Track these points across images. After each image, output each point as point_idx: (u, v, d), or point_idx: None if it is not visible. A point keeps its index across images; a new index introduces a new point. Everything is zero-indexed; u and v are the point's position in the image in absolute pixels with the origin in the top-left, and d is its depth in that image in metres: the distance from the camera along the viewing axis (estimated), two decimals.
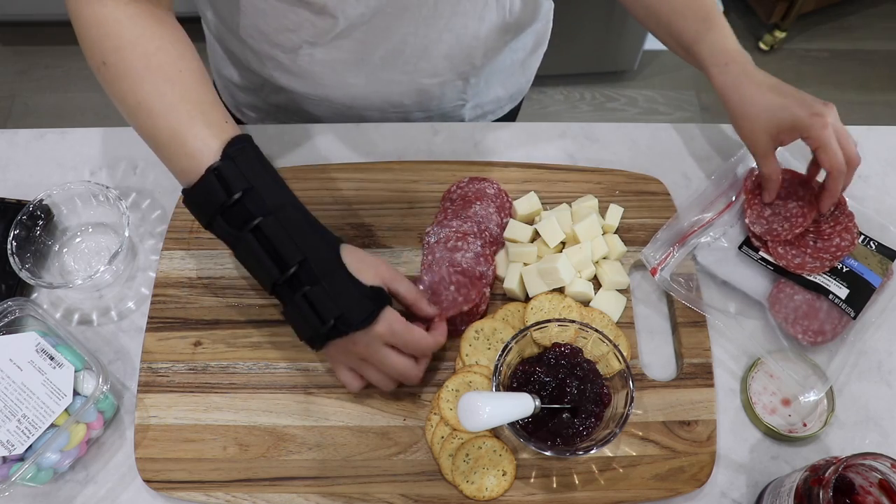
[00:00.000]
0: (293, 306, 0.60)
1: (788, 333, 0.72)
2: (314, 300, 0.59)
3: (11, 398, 0.63)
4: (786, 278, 0.74)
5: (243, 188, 0.59)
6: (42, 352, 0.65)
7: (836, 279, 0.72)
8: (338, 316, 0.59)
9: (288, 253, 0.59)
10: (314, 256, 0.60)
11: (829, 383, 0.69)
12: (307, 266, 0.59)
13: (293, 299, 0.60)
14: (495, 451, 0.66)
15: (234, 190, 0.58)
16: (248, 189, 0.59)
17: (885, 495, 0.56)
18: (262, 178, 0.61)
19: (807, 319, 0.72)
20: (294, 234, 0.60)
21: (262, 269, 0.60)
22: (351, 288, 0.60)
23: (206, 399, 0.70)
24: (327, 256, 0.61)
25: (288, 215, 0.60)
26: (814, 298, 0.72)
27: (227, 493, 0.66)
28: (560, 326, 0.67)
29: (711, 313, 0.73)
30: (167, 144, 0.61)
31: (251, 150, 0.62)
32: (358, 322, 0.59)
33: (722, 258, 0.76)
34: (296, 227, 0.60)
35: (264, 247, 0.59)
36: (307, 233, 0.61)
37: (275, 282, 0.60)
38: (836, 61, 2.29)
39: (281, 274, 0.59)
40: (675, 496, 0.66)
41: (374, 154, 0.85)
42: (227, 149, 0.60)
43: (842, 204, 0.75)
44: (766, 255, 0.75)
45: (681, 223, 0.77)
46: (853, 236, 0.73)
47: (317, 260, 0.60)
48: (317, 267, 0.59)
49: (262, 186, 0.60)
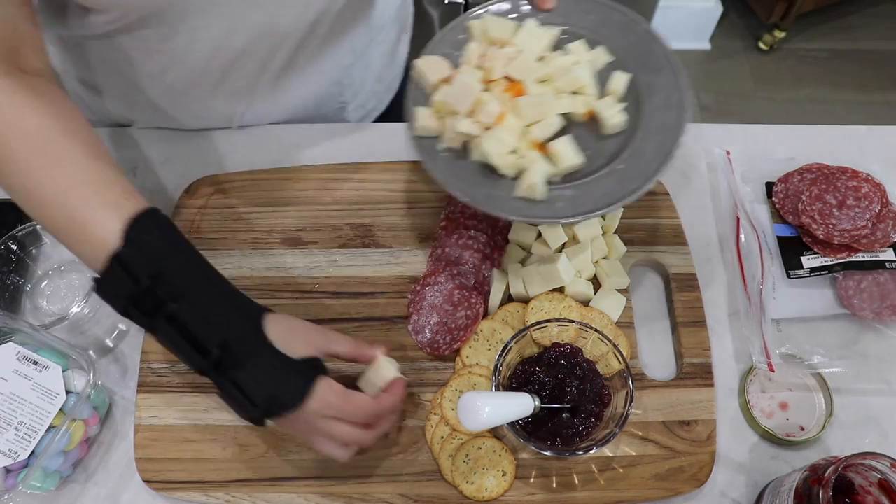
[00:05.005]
0: (224, 390, 0.56)
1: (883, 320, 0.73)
2: (241, 384, 0.55)
3: (4, 409, 0.63)
4: (837, 273, 0.74)
5: (150, 274, 0.53)
6: (24, 359, 0.65)
7: (874, 252, 0.74)
8: (267, 397, 0.55)
9: (206, 338, 0.54)
10: (234, 337, 0.55)
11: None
12: (228, 349, 0.55)
13: (222, 384, 0.56)
14: (495, 451, 0.66)
15: (141, 277, 0.53)
16: (156, 274, 0.54)
17: (884, 495, 0.56)
18: (170, 258, 0.55)
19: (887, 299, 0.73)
20: (210, 316, 0.55)
21: (186, 356, 0.55)
22: (278, 366, 0.56)
23: (206, 399, 0.70)
24: (249, 334, 0.56)
25: (201, 295, 0.56)
26: (875, 276, 0.73)
27: (227, 494, 0.66)
28: (560, 326, 0.67)
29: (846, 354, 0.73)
30: (66, 232, 0.56)
31: (155, 228, 0.56)
32: (290, 402, 0.55)
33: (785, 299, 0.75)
34: (211, 308, 0.56)
35: (182, 333, 0.54)
36: (225, 311, 0.56)
37: (200, 368, 0.56)
38: (835, 61, 2.29)
39: (203, 360, 0.55)
40: (674, 496, 0.66)
41: (374, 154, 0.85)
42: (128, 230, 0.54)
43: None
44: (811, 262, 0.74)
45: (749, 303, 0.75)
46: None
47: (238, 341, 0.55)
48: (239, 348, 0.55)
49: (170, 268, 0.55)
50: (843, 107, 2.19)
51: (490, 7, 0.73)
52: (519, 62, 0.66)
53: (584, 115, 0.67)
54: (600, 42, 0.71)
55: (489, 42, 0.69)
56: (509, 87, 0.66)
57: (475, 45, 0.69)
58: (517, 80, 0.66)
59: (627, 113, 0.67)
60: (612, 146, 0.66)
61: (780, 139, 0.88)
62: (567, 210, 0.62)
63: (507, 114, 0.64)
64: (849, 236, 0.73)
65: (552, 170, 0.64)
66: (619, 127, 0.66)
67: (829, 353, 0.72)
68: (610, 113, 0.65)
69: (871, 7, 2.40)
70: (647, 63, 0.69)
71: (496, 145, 0.63)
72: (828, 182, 0.76)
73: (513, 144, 0.64)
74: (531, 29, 0.69)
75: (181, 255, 0.57)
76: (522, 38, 0.68)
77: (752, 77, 2.24)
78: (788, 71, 2.25)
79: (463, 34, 0.72)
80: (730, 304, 0.76)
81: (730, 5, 2.31)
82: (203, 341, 0.54)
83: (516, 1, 0.73)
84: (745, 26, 2.32)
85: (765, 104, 2.20)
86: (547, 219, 0.63)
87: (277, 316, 0.58)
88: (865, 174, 0.77)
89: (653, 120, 0.66)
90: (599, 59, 0.70)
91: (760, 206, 0.80)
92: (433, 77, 0.67)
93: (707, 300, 0.75)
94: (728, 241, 0.80)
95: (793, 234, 0.77)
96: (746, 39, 2.30)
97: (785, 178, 0.80)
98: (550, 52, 0.69)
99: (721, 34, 2.28)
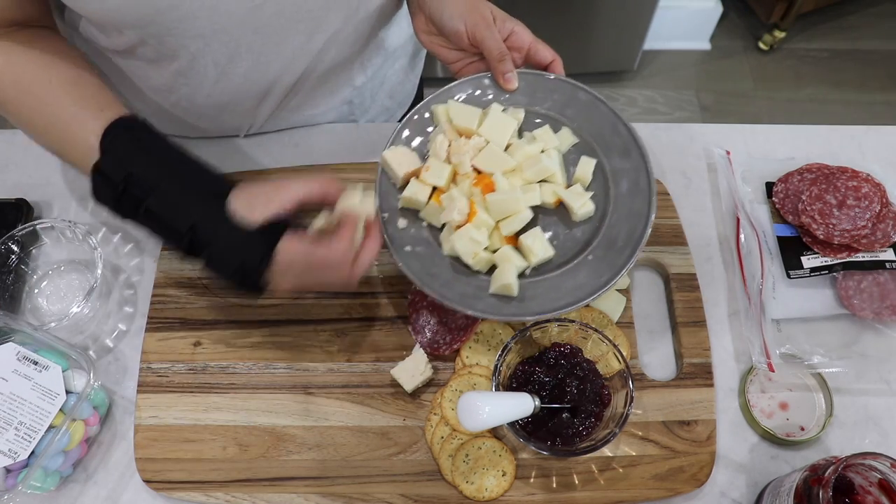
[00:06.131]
0: (206, 267, 0.62)
1: (883, 320, 0.73)
2: (213, 260, 0.61)
3: (4, 409, 0.63)
4: (837, 273, 0.74)
5: (123, 177, 0.60)
6: (24, 359, 0.65)
7: (874, 252, 0.74)
8: (236, 268, 0.60)
9: (177, 224, 0.60)
10: (200, 219, 0.60)
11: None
12: (196, 230, 0.60)
13: (202, 263, 0.61)
14: (495, 451, 0.66)
15: (117, 181, 0.60)
16: (128, 176, 0.60)
17: (884, 495, 0.56)
18: (138, 159, 0.61)
19: (887, 299, 0.73)
20: (178, 204, 0.60)
21: (167, 242, 0.62)
22: (238, 237, 0.60)
23: (206, 399, 0.70)
24: (213, 214, 0.60)
25: (168, 187, 0.61)
26: (875, 276, 0.74)
27: (227, 494, 0.66)
28: (560, 326, 0.67)
29: (848, 354, 0.73)
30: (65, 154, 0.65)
31: (125, 134, 0.62)
32: (255, 267, 0.60)
33: (785, 299, 0.75)
34: (178, 197, 0.61)
35: (158, 224, 0.61)
36: (189, 198, 0.61)
37: (182, 253, 0.61)
38: (835, 61, 2.29)
39: (179, 243, 0.60)
40: (674, 496, 0.66)
41: (375, 154, 0.85)
42: (102, 141, 0.61)
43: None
44: (811, 262, 0.74)
45: (749, 303, 0.75)
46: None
47: (203, 221, 0.60)
48: (204, 228, 0.60)
49: (139, 168, 0.60)
50: (843, 107, 2.19)
51: (453, 89, 0.73)
52: (487, 155, 0.67)
53: (553, 204, 0.68)
54: (565, 123, 0.71)
55: (456, 131, 0.70)
56: (478, 181, 0.67)
57: (441, 137, 0.69)
58: (486, 174, 0.67)
59: (595, 201, 0.67)
60: (582, 233, 0.67)
61: (780, 139, 0.88)
62: (541, 307, 0.63)
63: (477, 211, 0.65)
64: (849, 236, 0.73)
65: (523, 264, 0.65)
66: (587, 215, 0.67)
67: (829, 353, 0.72)
68: (579, 203, 0.66)
69: (871, 7, 2.40)
70: (612, 145, 0.69)
71: (468, 245, 0.64)
72: (828, 182, 0.76)
73: (484, 242, 0.65)
74: (496, 117, 0.69)
75: (149, 154, 0.62)
76: (488, 128, 0.69)
77: (752, 77, 2.24)
78: (788, 71, 2.25)
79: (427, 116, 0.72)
80: (730, 304, 0.76)
81: (730, 5, 2.31)
82: (176, 227, 0.60)
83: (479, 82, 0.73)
84: (745, 26, 2.32)
85: (765, 104, 2.20)
86: (521, 317, 0.63)
87: (242, 187, 0.62)
88: (865, 174, 0.77)
89: (621, 206, 0.67)
90: (565, 141, 0.70)
91: (760, 206, 0.80)
92: (401, 171, 0.68)
93: (707, 300, 0.75)
94: (728, 241, 0.80)
95: (793, 234, 0.77)
96: (746, 39, 2.30)
97: (785, 178, 0.80)
98: (516, 139, 0.70)
99: (721, 34, 2.28)
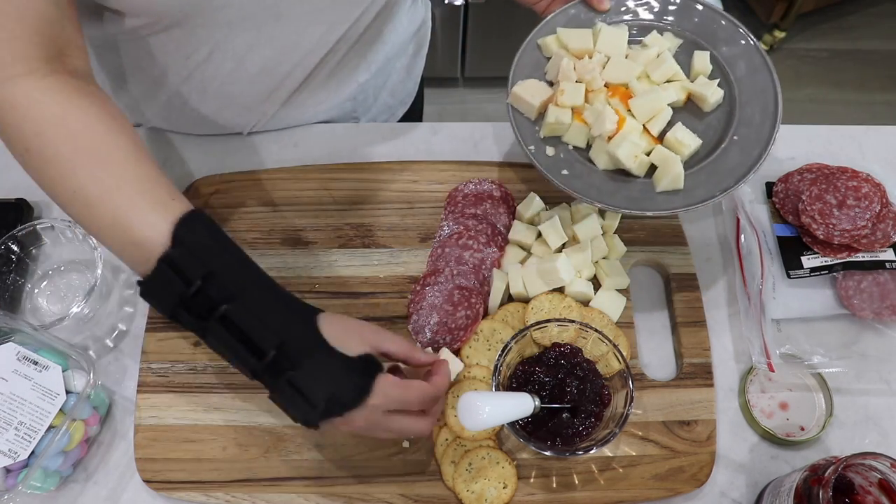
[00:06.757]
0: (279, 392, 0.55)
1: (883, 320, 0.73)
2: (299, 385, 0.53)
3: (4, 409, 0.63)
4: (837, 273, 0.74)
5: (202, 275, 0.53)
6: (24, 359, 0.65)
7: (874, 252, 0.74)
8: (328, 397, 0.53)
9: (262, 339, 0.53)
10: (291, 337, 0.54)
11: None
12: (285, 349, 0.53)
13: (277, 385, 0.54)
14: (499, 462, 0.66)
15: (193, 279, 0.52)
16: (208, 275, 0.53)
17: (884, 495, 0.56)
18: (221, 259, 0.55)
19: (887, 299, 0.73)
20: (265, 317, 0.54)
21: (239, 359, 0.54)
22: (336, 364, 0.55)
23: (206, 399, 0.70)
24: (306, 334, 0.55)
25: (255, 296, 0.55)
26: (875, 276, 0.74)
27: (227, 494, 0.66)
28: (560, 326, 0.67)
29: (849, 354, 0.73)
30: (111, 234, 0.55)
31: (203, 228, 0.55)
32: (350, 400, 0.54)
33: (785, 299, 0.74)
34: (266, 308, 0.55)
35: (235, 335, 0.53)
36: (280, 312, 0.56)
37: (254, 370, 0.54)
38: (835, 61, 2.28)
39: (259, 361, 0.53)
40: (674, 496, 0.66)
41: (374, 154, 0.85)
42: (177, 231, 0.53)
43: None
44: (811, 262, 0.74)
45: (749, 303, 0.75)
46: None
47: (295, 340, 0.54)
48: (296, 348, 0.54)
49: (221, 268, 0.54)
50: (842, 107, 2.19)
51: (551, 22, 0.75)
52: (613, 66, 0.71)
53: (682, 101, 0.71)
54: (665, 28, 0.75)
55: (573, 54, 0.72)
56: (613, 92, 0.70)
57: (566, 60, 0.71)
58: (619, 84, 0.70)
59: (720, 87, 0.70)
60: (717, 121, 0.71)
61: (780, 139, 0.87)
62: (709, 192, 0.66)
63: (625, 118, 0.67)
64: (849, 236, 0.73)
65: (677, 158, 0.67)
66: (718, 102, 0.71)
67: (829, 353, 0.72)
68: (710, 91, 0.70)
69: (871, 7, 2.40)
70: (716, 37, 0.73)
71: (629, 148, 0.66)
72: (828, 182, 0.76)
73: (642, 144, 0.67)
74: (608, 31, 0.72)
75: (231, 255, 0.56)
76: (604, 43, 0.72)
77: None
78: (788, 71, 2.25)
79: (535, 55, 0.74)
80: (730, 304, 0.76)
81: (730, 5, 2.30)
82: (258, 342, 0.53)
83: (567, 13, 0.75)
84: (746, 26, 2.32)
85: None
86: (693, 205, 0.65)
87: (331, 315, 0.57)
88: (865, 174, 0.77)
89: (745, 87, 0.72)
90: (672, 43, 0.74)
91: (760, 206, 0.80)
92: (535, 101, 0.70)
93: (707, 300, 0.75)
94: (728, 241, 0.80)
95: (793, 234, 0.77)
96: None
97: (785, 178, 0.80)
98: (629, 50, 0.73)
99: None
